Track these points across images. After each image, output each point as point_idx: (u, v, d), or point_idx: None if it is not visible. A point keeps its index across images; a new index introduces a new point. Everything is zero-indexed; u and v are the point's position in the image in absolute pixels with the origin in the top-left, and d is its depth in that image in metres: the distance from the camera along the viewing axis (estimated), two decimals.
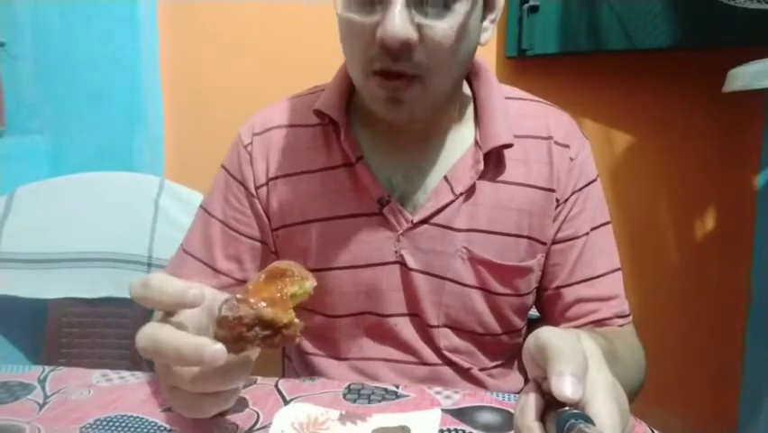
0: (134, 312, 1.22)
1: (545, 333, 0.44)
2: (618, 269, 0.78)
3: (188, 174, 1.40)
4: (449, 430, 0.58)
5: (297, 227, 0.76)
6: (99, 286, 1.22)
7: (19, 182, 1.27)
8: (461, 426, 0.59)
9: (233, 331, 0.41)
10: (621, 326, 0.77)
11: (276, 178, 0.76)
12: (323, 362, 0.80)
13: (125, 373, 0.72)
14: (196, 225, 0.81)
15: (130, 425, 0.59)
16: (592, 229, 0.76)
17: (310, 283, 0.45)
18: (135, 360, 1.19)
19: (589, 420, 0.39)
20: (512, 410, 0.61)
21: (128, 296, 1.25)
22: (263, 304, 0.41)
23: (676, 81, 1.30)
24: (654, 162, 1.34)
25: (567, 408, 0.41)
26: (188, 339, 0.43)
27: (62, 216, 1.25)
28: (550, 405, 0.43)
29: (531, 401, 0.43)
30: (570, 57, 1.29)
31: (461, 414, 0.61)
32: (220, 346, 0.41)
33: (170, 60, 1.47)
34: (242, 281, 0.78)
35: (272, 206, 0.77)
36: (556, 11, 1.26)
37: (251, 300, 0.41)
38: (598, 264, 0.76)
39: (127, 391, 0.67)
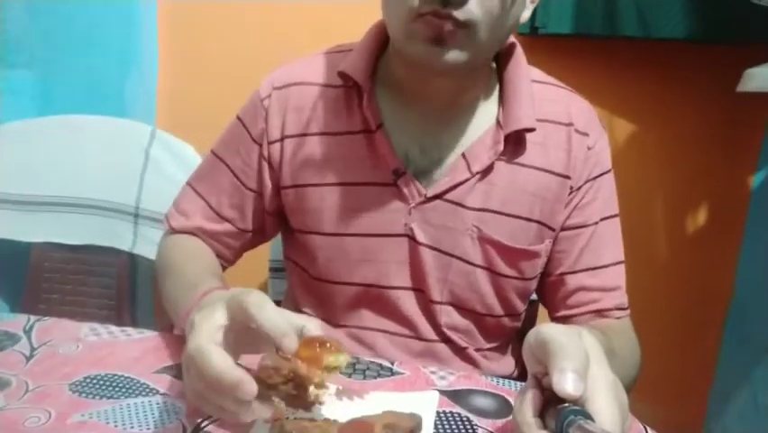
0: (119, 261, 1.20)
1: (547, 329, 0.44)
2: (622, 261, 0.78)
3: (180, 125, 1.36)
4: (444, 412, 0.58)
5: (309, 189, 0.75)
6: (83, 232, 1.19)
7: (3, 118, 1.22)
8: (456, 408, 0.59)
9: (269, 379, 0.46)
10: (619, 318, 0.77)
11: (291, 136, 0.75)
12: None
13: (114, 329, 0.70)
14: (207, 168, 0.81)
15: (120, 385, 0.58)
16: (602, 219, 0.77)
17: (344, 358, 0.49)
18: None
19: (588, 417, 0.40)
20: (506, 396, 0.61)
21: (113, 246, 1.23)
22: (300, 362, 0.47)
23: (686, 74, 1.29)
24: (654, 153, 1.34)
25: (567, 404, 0.41)
26: (232, 373, 0.46)
27: (48, 158, 1.20)
28: (550, 401, 0.43)
29: (530, 397, 0.44)
30: (582, 39, 1.27)
31: (455, 396, 0.61)
32: (254, 387, 0.46)
33: (168, 5, 1.41)
34: (243, 231, 0.80)
35: (285, 164, 0.76)
36: None
37: (291, 357, 0.47)
38: (604, 254, 0.77)
39: (117, 348, 0.66)
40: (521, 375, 0.83)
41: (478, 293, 0.75)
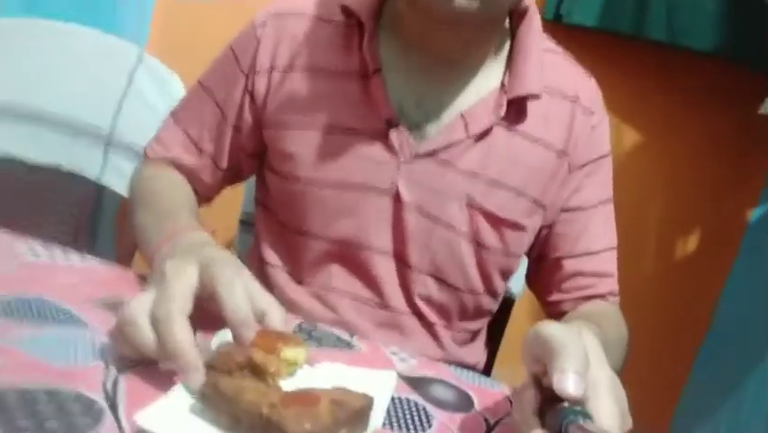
0: (83, 189, 1.13)
1: (547, 328, 0.43)
2: (615, 247, 0.77)
3: (171, 50, 1.29)
4: (400, 399, 0.53)
5: (292, 128, 0.70)
6: (49, 150, 1.11)
7: None
8: (413, 395, 0.54)
9: (223, 365, 0.45)
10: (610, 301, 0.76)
11: (281, 68, 0.70)
12: (283, 279, 0.74)
13: (56, 251, 0.64)
14: (191, 98, 0.78)
15: (47, 311, 0.52)
16: (599, 203, 0.74)
17: (304, 354, 0.48)
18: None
19: (588, 416, 0.40)
20: (468, 391, 0.57)
21: (80, 170, 1.16)
22: (256, 350, 0.45)
23: (705, 91, 1.25)
24: (656, 169, 1.31)
25: (566, 403, 0.41)
26: (189, 354, 0.44)
27: (26, 63, 1.12)
28: (549, 400, 0.43)
29: (530, 396, 0.44)
30: (606, 35, 1.22)
31: (414, 383, 0.56)
32: (201, 378, 0.43)
33: None
34: (219, 167, 0.76)
35: (270, 98, 0.71)
36: None
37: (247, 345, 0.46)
38: (600, 239, 0.75)
39: (54, 271, 0.59)
40: (486, 369, 0.82)
41: (460, 264, 0.71)
